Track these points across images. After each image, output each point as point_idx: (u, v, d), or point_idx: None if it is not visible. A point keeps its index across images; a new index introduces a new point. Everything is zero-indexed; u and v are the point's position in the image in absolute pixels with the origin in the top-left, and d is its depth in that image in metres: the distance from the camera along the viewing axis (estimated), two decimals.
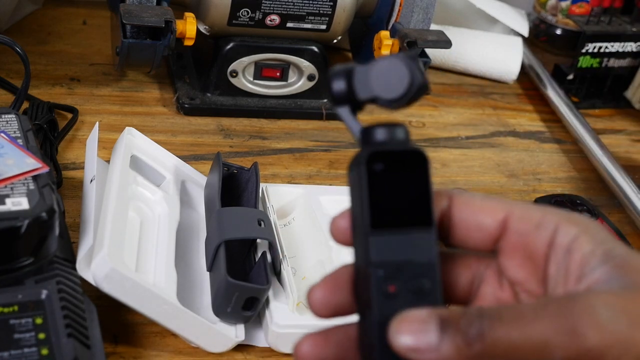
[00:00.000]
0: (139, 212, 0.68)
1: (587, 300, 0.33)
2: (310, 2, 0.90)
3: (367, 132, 0.37)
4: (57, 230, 0.58)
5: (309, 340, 0.37)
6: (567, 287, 0.36)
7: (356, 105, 0.38)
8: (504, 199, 0.38)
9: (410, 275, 0.36)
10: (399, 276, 0.36)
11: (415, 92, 0.37)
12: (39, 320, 0.54)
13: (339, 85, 0.38)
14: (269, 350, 0.63)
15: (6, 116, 0.66)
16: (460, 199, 0.38)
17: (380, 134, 0.37)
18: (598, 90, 1.13)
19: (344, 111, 0.38)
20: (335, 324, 0.38)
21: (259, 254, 0.66)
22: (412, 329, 0.33)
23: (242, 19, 0.90)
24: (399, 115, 1.00)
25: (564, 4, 1.20)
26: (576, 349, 0.32)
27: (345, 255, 0.38)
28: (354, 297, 0.37)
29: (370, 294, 0.36)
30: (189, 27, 0.86)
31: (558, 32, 1.21)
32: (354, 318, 0.37)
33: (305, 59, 0.93)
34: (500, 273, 0.38)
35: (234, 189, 0.74)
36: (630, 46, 1.10)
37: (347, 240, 0.37)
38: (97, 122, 0.72)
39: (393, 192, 0.36)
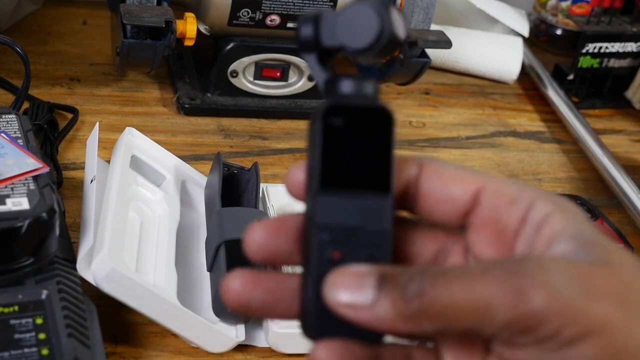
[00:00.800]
0: (139, 212, 0.68)
1: (539, 262, 0.31)
2: (310, 2, 0.90)
3: (332, 83, 0.34)
4: (57, 230, 0.58)
5: (239, 278, 0.34)
6: None
7: (325, 54, 0.35)
8: (479, 171, 0.36)
9: (358, 243, 0.33)
10: (345, 243, 0.33)
11: (386, 44, 0.34)
12: (39, 321, 0.54)
13: (305, 31, 0.35)
14: (269, 351, 0.63)
15: (6, 116, 0.66)
16: (431, 167, 0.35)
17: (345, 86, 0.34)
18: (598, 90, 1.13)
19: (310, 58, 0.35)
20: (269, 270, 0.35)
21: None
22: (348, 283, 0.31)
23: (242, 19, 0.90)
24: (398, 115, 1.00)
25: (564, 4, 1.20)
26: (519, 311, 0.29)
27: None
28: (299, 249, 0.34)
29: (311, 258, 0.33)
30: (189, 27, 0.86)
31: (558, 32, 1.21)
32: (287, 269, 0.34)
33: (305, 60, 0.93)
34: (467, 249, 0.35)
35: (234, 189, 0.74)
36: (631, 46, 1.10)
37: (301, 196, 0.35)
38: (97, 122, 0.72)
39: (350, 151, 0.33)
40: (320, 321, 0.32)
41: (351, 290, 0.31)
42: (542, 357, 0.30)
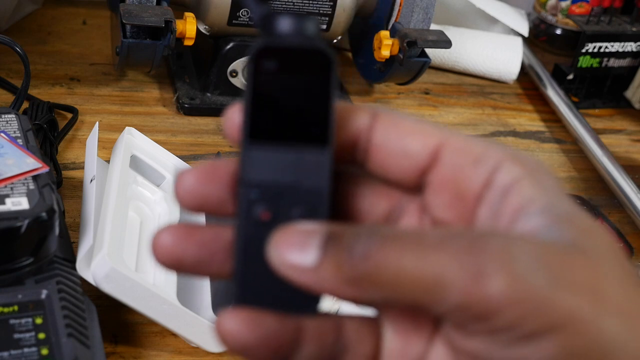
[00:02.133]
0: (139, 212, 0.68)
1: (506, 240, 0.27)
2: (310, 2, 0.90)
3: (268, 20, 0.30)
4: (57, 230, 0.58)
5: (170, 231, 0.30)
6: None
7: None
8: (443, 126, 0.32)
9: (291, 201, 0.30)
10: (276, 201, 0.30)
11: None
12: (39, 320, 0.54)
13: None
14: None
15: (6, 116, 0.66)
16: (387, 117, 0.31)
17: (283, 25, 0.30)
18: (598, 90, 1.13)
19: None
20: (203, 223, 0.32)
21: None
22: (292, 242, 0.28)
23: (242, 19, 0.90)
24: None
25: (564, 4, 1.20)
26: (474, 294, 0.26)
27: None
28: (233, 199, 0.31)
29: (238, 217, 0.30)
30: (189, 27, 0.86)
31: (558, 32, 1.22)
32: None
33: None
34: (424, 210, 0.32)
35: None
36: (630, 46, 1.10)
37: (236, 140, 0.31)
38: (97, 122, 0.72)
39: (285, 99, 0.30)
40: (247, 287, 0.29)
41: (295, 250, 0.28)
42: (494, 351, 0.27)
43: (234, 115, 0.30)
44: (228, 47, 0.90)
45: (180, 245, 0.30)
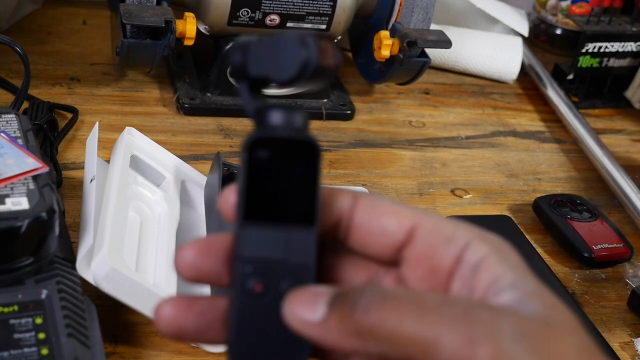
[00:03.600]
0: (139, 212, 0.68)
1: (495, 312, 0.30)
2: (310, 2, 0.90)
3: (261, 114, 0.34)
4: (57, 230, 0.58)
5: (171, 303, 0.33)
6: None
7: (254, 83, 0.35)
8: (416, 207, 0.36)
9: (280, 275, 0.33)
10: (268, 275, 0.33)
11: (312, 75, 0.33)
12: (39, 320, 0.54)
13: (236, 59, 0.35)
14: None
15: (6, 116, 0.66)
16: (366, 200, 0.35)
17: (274, 118, 0.33)
18: (598, 90, 1.13)
19: (241, 87, 0.35)
20: (202, 293, 0.35)
21: None
22: (303, 301, 0.32)
23: (242, 19, 0.90)
24: (397, 114, 1.00)
25: (564, 4, 1.20)
26: (464, 358, 0.29)
27: None
28: (228, 272, 0.34)
29: (234, 289, 0.33)
30: (189, 27, 0.86)
31: (558, 32, 1.22)
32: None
33: None
34: (400, 282, 0.35)
35: None
36: (630, 46, 1.10)
37: (232, 218, 0.34)
38: (97, 122, 0.72)
39: (276, 184, 0.33)
40: (241, 352, 0.33)
41: (305, 307, 0.32)
42: None
43: (229, 196, 0.34)
44: (228, 47, 0.90)
45: (182, 316, 0.33)
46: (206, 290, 0.64)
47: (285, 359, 0.33)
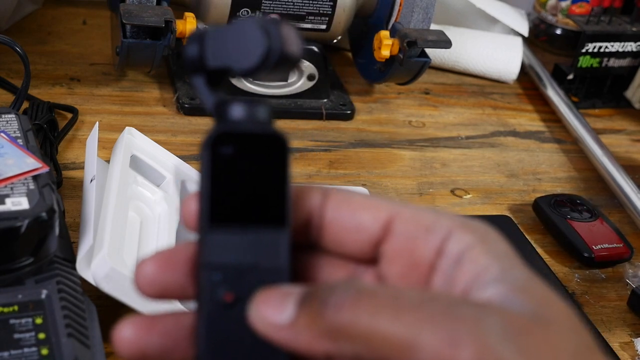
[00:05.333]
0: (139, 212, 0.68)
1: (480, 309, 0.28)
2: (310, 2, 0.90)
3: (221, 108, 0.31)
4: (57, 230, 0.58)
5: (131, 325, 0.31)
6: None
7: (212, 75, 0.33)
8: (391, 199, 0.33)
9: (253, 282, 0.30)
10: (238, 282, 0.30)
11: (275, 63, 0.31)
12: (39, 320, 0.54)
13: (191, 50, 0.32)
14: None
15: (6, 116, 0.66)
16: (337, 195, 0.32)
17: (236, 111, 0.31)
18: (598, 90, 1.13)
19: (198, 80, 0.32)
20: (164, 310, 0.32)
21: None
22: (270, 301, 0.29)
23: (242, 19, 0.90)
24: (397, 114, 1.00)
25: (564, 4, 1.20)
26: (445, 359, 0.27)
27: None
28: (193, 283, 0.31)
29: (201, 300, 0.30)
30: (189, 27, 0.86)
31: (558, 32, 1.22)
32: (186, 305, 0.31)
33: (305, 59, 0.93)
34: (380, 279, 0.33)
35: None
36: (630, 46, 1.10)
37: (195, 228, 0.32)
38: (97, 122, 0.72)
39: (242, 183, 0.31)
40: None
41: (273, 308, 0.29)
42: None
43: (191, 204, 0.31)
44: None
45: (143, 339, 0.30)
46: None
47: None
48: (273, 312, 0.29)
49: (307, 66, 0.93)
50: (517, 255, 0.31)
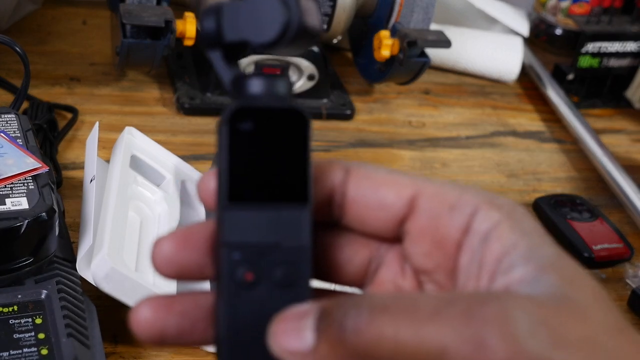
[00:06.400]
0: (139, 212, 0.68)
1: (503, 304, 0.26)
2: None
3: (239, 82, 0.30)
4: (57, 230, 0.58)
5: (150, 304, 0.30)
6: (479, 283, 0.29)
7: (230, 50, 0.32)
8: (414, 175, 0.32)
9: (273, 261, 0.29)
10: (259, 262, 0.29)
11: (295, 36, 0.30)
12: (38, 320, 0.54)
13: (208, 24, 0.31)
14: None
15: (6, 116, 0.66)
16: (360, 171, 0.31)
17: (254, 86, 0.30)
18: (598, 90, 1.13)
19: (215, 56, 0.32)
20: (183, 291, 0.31)
21: None
22: (287, 329, 0.28)
23: None
24: (397, 114, 1.00)
25: (564, 4, 1.20)
26: None
27: None
28: (212, 263, 0.30)
29: (221, 280, 0.29)
30: (189, 27, 0.86)
31: (558, 32, 1.22)
32: (205, 285, 0.31)
33: (305, 59, 0.93)
34: (404, 258, 0.32)
35: None
36: (630, 46, 1.10)
37: (213, 206, 0.31)
38: (97, 122, 0.72)
39: (261, 159, 0.30)
40: (234, 351, 0.29)
41: (292, 337, 0.27)
42: None
43: (209, 182, 0.30)
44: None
45: (162, 318, 0.30)
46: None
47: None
48: (292, 340, 0.27)
49: (307, 66, 0.93)
50: (545, 232, 0.30)
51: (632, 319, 0.74)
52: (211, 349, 0.61)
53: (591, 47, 1.07)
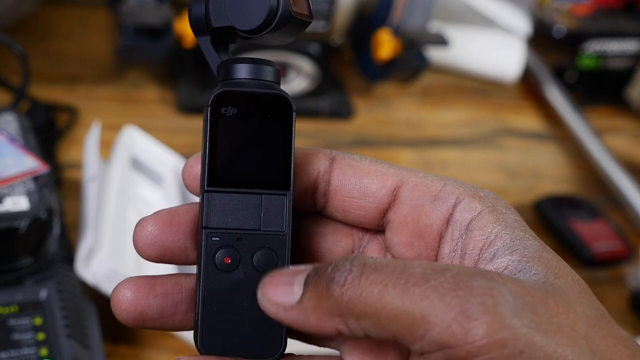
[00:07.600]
0: (139, 211, 0.68)
1: (491, 281, 0.26)
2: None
3: (225, 68, 0.31)
4: (56, 230, 0.58)
5: (131, 285, 0.30)
6: None
7: (217, 36, 0.32)
8: (397, 165, 0.32)
9: (253, 247, 0.30)
10: (237, 247, 0.30)
11: (281, 23, 0.30)
12: (38, 321, 0.54)
13: (196, 10, 0.32)
14: None
15: (6, 116, 0.66)
16: (344, 160, 0.32)
17: (240, 71, 0.30)
18: (598, 90, 1.13)
19: (203, 41, 0.32)
20: (164, 273, 0.31)
21: None
22: (278, 282, 0.28)
23: None
24: (397, 114, 1.00)
25: (564, 4, 1.20)
26: (457, 335, 0.25)
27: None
28: (194, 247, 0.31)
29: (200, 263, 0.30)
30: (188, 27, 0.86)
31: (558, 32, 1.21)
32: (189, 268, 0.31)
33: (305, 59, 0.93)
34: (386, 248, 0.32)
35: None
36: (631, 46, 1.10)
37: (197, 190, 0.31)
38: (97, 122, 0.72)
39: (245, 145, 0.30)
40: (211, 333, 0.29)
41: (280, 289, 0.28)
42: None
43: (193, 166, 0.31)
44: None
45: (143, 299, 0.30)
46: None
47: (260, 341, 0.30)
48: (280, 293, 0.27)
49: (307, 66, 0.93)
50: (526, 225, 0.30)
51: (632, 319, 0.74)
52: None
53: (591, 47, 1.07)
